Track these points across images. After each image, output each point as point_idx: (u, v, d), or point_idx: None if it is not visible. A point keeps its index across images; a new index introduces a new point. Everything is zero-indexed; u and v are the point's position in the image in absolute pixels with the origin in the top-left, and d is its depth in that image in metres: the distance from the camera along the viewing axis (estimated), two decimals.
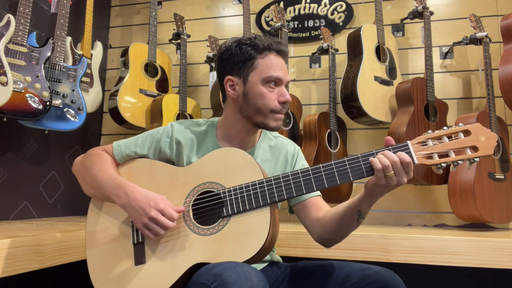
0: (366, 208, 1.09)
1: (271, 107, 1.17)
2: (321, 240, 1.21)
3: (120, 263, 1.13)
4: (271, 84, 1.18)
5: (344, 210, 1.12)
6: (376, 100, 2.22)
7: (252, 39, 1.20)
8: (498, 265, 1.52)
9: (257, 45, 1.18)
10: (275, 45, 1.20)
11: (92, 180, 1.20)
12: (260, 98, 1.18)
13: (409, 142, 1.02)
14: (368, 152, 1.04)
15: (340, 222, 1.13)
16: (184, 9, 2.83)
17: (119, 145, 1.27)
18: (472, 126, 1.00)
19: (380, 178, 0.99)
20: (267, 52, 1.18)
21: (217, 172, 1.14)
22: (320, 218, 1.18)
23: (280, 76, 1.18)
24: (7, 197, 2.06)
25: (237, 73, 1.20)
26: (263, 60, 1.18)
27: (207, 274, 0.93)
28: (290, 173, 1.08)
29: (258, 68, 1.18)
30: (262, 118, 1.19)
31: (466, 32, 2.27)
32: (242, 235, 1.05)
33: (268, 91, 1.18)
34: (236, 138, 1.25)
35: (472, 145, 0.99)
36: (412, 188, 2.34)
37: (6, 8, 2.03)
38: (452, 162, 1.00)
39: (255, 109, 1.18)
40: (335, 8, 2.60)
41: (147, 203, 1.08)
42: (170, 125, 1.29)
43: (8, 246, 1.22)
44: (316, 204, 1.22)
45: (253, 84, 1.18)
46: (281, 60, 1.20)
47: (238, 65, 1.20)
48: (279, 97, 1.18)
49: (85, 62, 2.20)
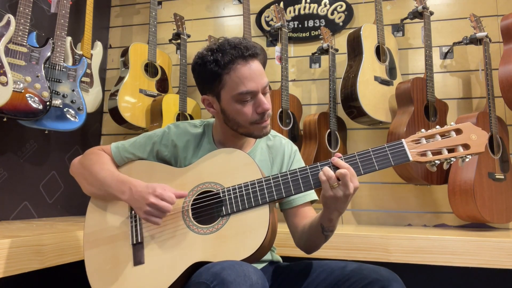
0: (327, 223, 1.09)
1: (250, 120, 1.14)
2: (300, 247, 1.25)
3: (118, 264, 1.13)
4: (244, 99, 1.12)
5: (311, 223, 1.16)
6: (376, 100, 2.22)
7: (215, 51, 1.11)
8: (498, 265, 1.52)
9: (219, 60, 1.10)
10: (237, 52, 1.10)
11: (94, 178, 1.20)
12: (237, 115, 1.14)
13: (404, 140, 1.04)
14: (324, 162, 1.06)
15: (308, 234, 1.17)
16: (184, 9, 2.83)
17: (117, 147, 1.28)
18: (463, 125, 1.04)
19: (326, 190, 1.01)
20: (231, 65, 1.10)
21: (216, 172, 1.14)
22: (300, 227, 1.22)
23: (250, 89, 1.11)
24: (7, 197, 2.06)
25: (210, 92, 1.17)
26: (229, 76, 1.10)
27: (206, 273, 0.93)
28: (288, 171, 1.09)
29: (227, 86, 1.12)
30: (245, 130, 1.18)
31: (466, 32, 2.27)
32: (241, 233, 1.05)
33: (243, 106, 1.13)
34: (230, 142, 1.25)
35: (463, 143, 1.03)
36: (412, 188, 2.34)
37: (6, 8, 2.03)
38: (445, 160, 1.03)
39: (236, 123, 1.17)
40: (335, 8, 2.60)
41: (146, 191, 1.09)
42: (167, 128, 1.29)
43: (8, 246, 1.22)
44: (303, 213, 1.24)
45: (226, 102, 1.14)
46: (250, 67, 1.11)
47: (208, 85, 1.16)
48: (256, 108, 1.13)
49: (85, 62, 2.20)
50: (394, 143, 1.04)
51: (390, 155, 1.04)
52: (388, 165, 1.03)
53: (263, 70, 1.15)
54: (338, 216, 1.08)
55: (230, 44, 1.11)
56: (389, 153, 1.04)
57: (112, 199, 1.20)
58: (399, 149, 1.03)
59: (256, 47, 1.14)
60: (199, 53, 1.16)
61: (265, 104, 1.13)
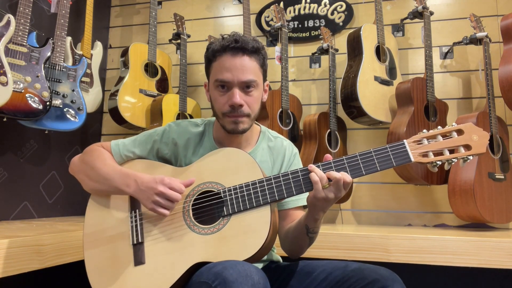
0: (312, 223, 1.11)
1: (222, 110, 1.17)
2: (284, 251, 1.25)
3: (119, 264, 1.13)
4: (220, 88, 1.16)
5: (295, 225, 1.17)
6: (376, 100, 2.22)
7: (216, 41, 1.18)
8: (498, 265, 1.52)
9: (212, 48, 1.17)
10: (230, 44, 1.14)
11: (97, 174, 1.20)
12: (214, 102, 1.19)
13: (405, 140, 1.04)
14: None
15: (292, 236, 1.18)
16: (184, 9, 2.83)
17: (117, 145, 1.27)
18: (465, 125, 1.04)
19: (318, 191, 1.02)
20: (219, 54, 1.15)
21: (216, 172, 1.14)
22: (285, 229, 1.22)
23: (225, 79, 1.13)
24: (7, 197, 2.06)
25: (207, 77, 1.24)
26: (215, 63, 1.17)
27: (207, 273, 0.93)
28: (289, 171, 1.09)
29: (212, 72, 1.19)
30: (221, 121, 1.20)
31: (466, 32, 2.27)
32: (242, 233, 1.05)
33: (219, 95, 1.16)
34: (226, 140, 1.25)
35: (465, 144, 1.03)
36: (412, 188, 2.34)
37: (6, 8, 2.03)
38: (446, 160, 1.03)
39: (214, 112, 1.21)
40: (335, 8, 2.60)
41: (153, 181, 1.10)
42: (167, 126, 1.29)
43: (8, 246, 1.22)
44: (293, 216, 1.24)
45: (211, 88, 1.21)
46: (235, 60, 1.13)
47: (206, 70, 1.23)
48: (228, 100, 1.15)
49: (85, 62, 2.20)
50: (396, 143, 1.04)
51: (392, 155, 1.04)
52: (390, 166, 1.04)
53: (249, 67, 1.15)
54: (322, 216, 1.10)
55: (232, 37, 1.16)
56: (391, 154, 1.04)
57: (116, 193, 1.20)
58: (401, 150, 1.04)
59: (250, 44, 1.15)
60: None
61: (234, 97, 1.13)
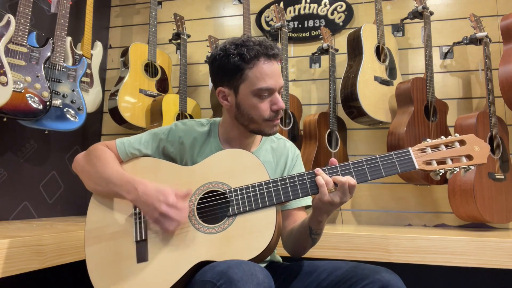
0: (316, 225, 1.12)
1: (264, 117, 1.17)
2: (286, 250, 1.26)
3: (121, 260, 1.13)
4: (261, 95, 1.15)
5: (299, 226, 1.18)
6: (376, 100, 2.22)
7: (239, 46, 1.14)
8: (498, 265, 1.52)
9: (244, 54, 1.12)
10: (263, 50, 1.14)
11: (99, 175, 1.19)
12: (252, 109, 1.17)
13: (410, 148, 1.08)
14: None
15: (296, 236, 1.19)
16: (184, 9, 2.83)
17: (123, 142, 1.27)
18: (467, 136, 1.08)
19: (324, 194, 1.04)
20: (255, 60, 1.13)
21: (222, 172, 1.14)
22: (288, 229, 1.23)
23: (270, 86, 1.14)
24: (7, 197, 2.06)
25: (227, 85, 1.19)
26: (251, 71, 1.13)
27: (212, 272, 0.93)
28: (296, 174, 1.10)
29: (248, 80, 1.14)
30: (257, 126, 1.19)
31: (466, 32, 2.27)
32: (247, 233, 1.05)
33: (260, 102, 1.16)
34: (237, 140, 1.26)
35: (467, 154, 1.07)
36: (412, 188, 2.34)
37: (6, 8, 2.03)
38: (449, 169, 1.07)
39: (249, 118, 1.18)
40: (335, 8, 2.60)
41: (157, 198, 1.07)
42: (174, 125, 1.29)
43: (8, 246, 1.22)
44: (295, 216, 1.25)
45: (244, 96, 1.16)
46: (271, 65, 1.15)
47: (227, 77, 1.17)
48: (271, 105, 1.16)
49: (85, 62, 2.20)
50: (401, 151, 1.08)
51: (397, 162, 1.07)
52: (395, 172, 1.07)
53: (280, 71, 1.19)
54: (326, 218, 1.11)
55: (255, 42, 1.15)
56: (396, 161, 1.07)
57: (116, 197, 1.19)
58: (406, 157, 1.07)
59: (279, 49, 1.18)
60: (221, 46, 1.19)
61: (280, 102, 1.17)
